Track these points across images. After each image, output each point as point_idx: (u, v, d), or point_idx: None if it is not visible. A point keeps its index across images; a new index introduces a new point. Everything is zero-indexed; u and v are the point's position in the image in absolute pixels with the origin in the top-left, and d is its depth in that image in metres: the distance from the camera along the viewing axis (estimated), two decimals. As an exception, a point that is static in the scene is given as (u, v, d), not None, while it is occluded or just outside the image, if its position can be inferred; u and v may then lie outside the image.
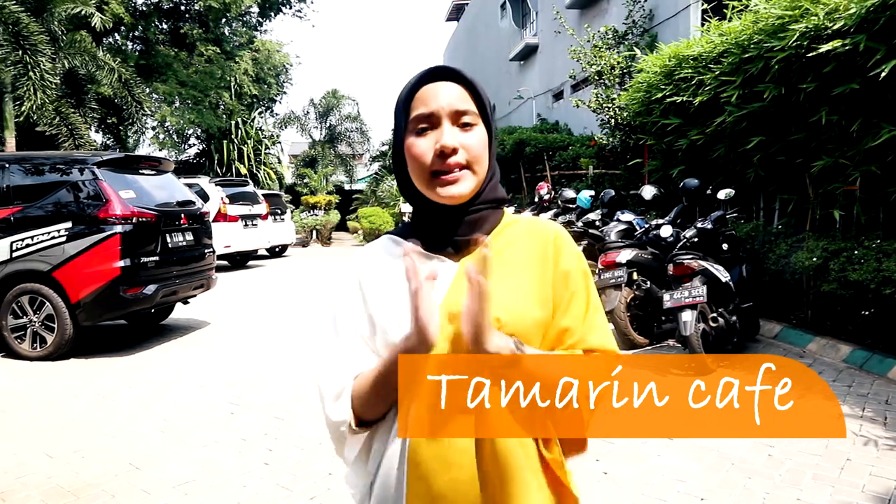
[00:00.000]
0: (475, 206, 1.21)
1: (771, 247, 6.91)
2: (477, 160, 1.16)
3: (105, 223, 6.27)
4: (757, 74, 6.56)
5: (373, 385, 1.17)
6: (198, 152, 23.87)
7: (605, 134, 12.23)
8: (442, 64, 1.22)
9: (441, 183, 1.15)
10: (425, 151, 1.15)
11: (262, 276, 13.70)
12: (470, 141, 1.16)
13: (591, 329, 1.20)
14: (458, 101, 1.15)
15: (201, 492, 3.50)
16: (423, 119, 1.16)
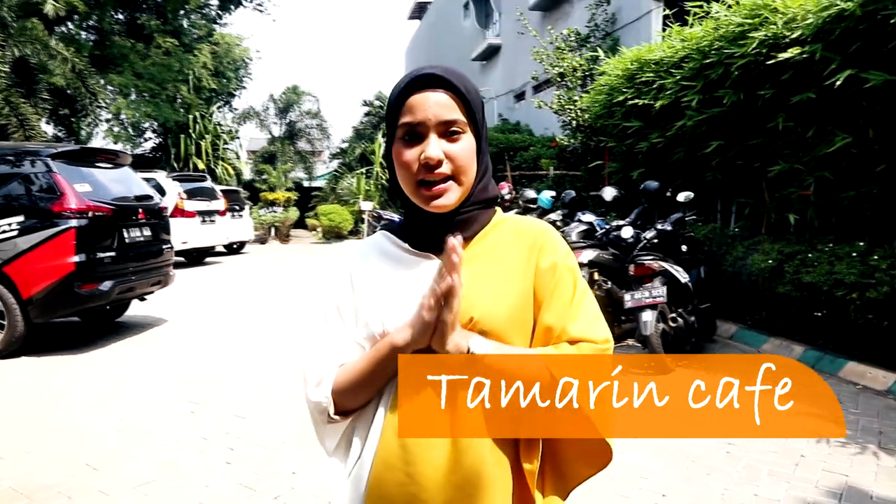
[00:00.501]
0: (465, 208, 1.22)
1: (728, 249, 7.06)
2: (463, 170, 1.16)
3: (59, 217, 6.10)
4: (717, 80, 6.70)
5: (355, 376, 1.20)
6: (154, 146, 23.37)
7: (566, 135, 12.35)
8: (430, 70, 1.17)
9: (426, 195, 1.17)
10: (411, 161, 1.16)
11: (219, 274, 13.49)
12: (456, 151, 1.15)
13: (572, 320, 1.18)
14: (445, 112, 1.15)
15: (162, 492, 3.43)
16: (411, 127, 1.16)
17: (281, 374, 5.69)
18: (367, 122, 29.52)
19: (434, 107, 1.14)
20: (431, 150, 1.13)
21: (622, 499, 3.31)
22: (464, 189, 1.19)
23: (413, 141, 1.16)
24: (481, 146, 1.22)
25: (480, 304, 1.17)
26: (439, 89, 1.15)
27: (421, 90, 1.16)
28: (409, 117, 1.16)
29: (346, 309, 1.27)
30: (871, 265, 5.19)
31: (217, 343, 6.87)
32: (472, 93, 1.19)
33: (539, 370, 1.12)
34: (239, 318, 8.28)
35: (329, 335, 1.27)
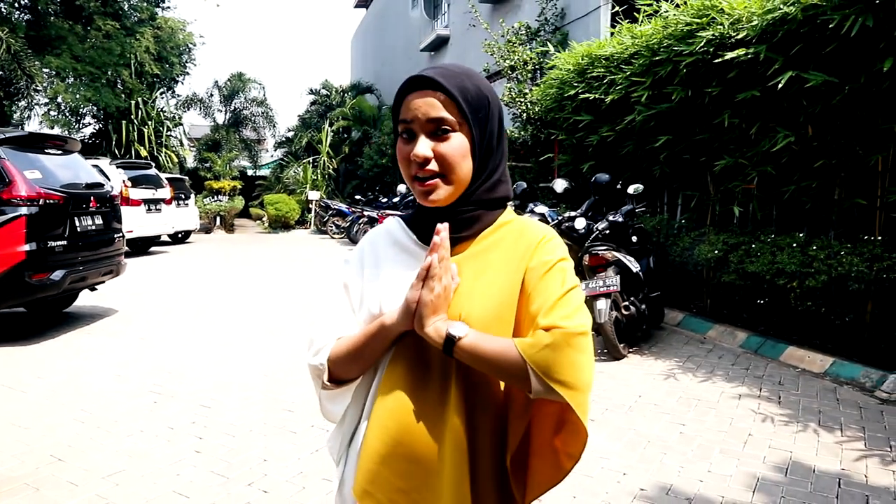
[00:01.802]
0: (464, 207, 1.29)
1: (675, 240, 7.34)
2: (450, 169, 1.22)
3: (8, 204, 5.95)
4: (665, 77, 6.92)
5: (349, 349, 1.30)
6: (94, 132, 22.63)
7: (516, 128, 12.49)
8: (424, 72, 1.25)
9: (419, 190, 1.25)
10: (405, 158, 1.25)
11: (166, 263, 13.24)
12: (442, 150, 1.22)
13: (551, 310, 1.18)
14: (432, 111, 1.21)
15: (133, 481, 3.44)
16: (406, 126, 1.24)
17: (242, 363, 5.69)
18: (314, 110, 29.18)
19: (423, 107, 1.21)
20: (418, 149, 1.21)
21: (586, 478, 3.47)
22: (455, 187, 1.25)
23: (410, 139, 1.24)
24: (484, 146, 1.26)
25: (469, 302, 1.24)
26: (431, 90, 1.22)
27: (415, 91, 1.23)
28: (404, 115, 1.24)
29: (354, 288, 1.38)
30: (809, 255, 5.49)
31: (172, 333, 6.80)
32: (469, 93, 1.23)
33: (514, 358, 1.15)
34: (191, 307, 8.20)
35: (334, 310, 1.37)
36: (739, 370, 5.44)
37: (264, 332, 6.86)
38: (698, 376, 5.28)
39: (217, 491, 3.34)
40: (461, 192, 1.27)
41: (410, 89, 1.24)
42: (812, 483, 3.41)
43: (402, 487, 1.24)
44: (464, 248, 1.30)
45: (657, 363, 5.70)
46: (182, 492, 3.34)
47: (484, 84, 1.28)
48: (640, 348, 6.17)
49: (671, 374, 5.36)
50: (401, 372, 1.28)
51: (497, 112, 1.30)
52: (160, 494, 3.30)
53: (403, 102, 1.25)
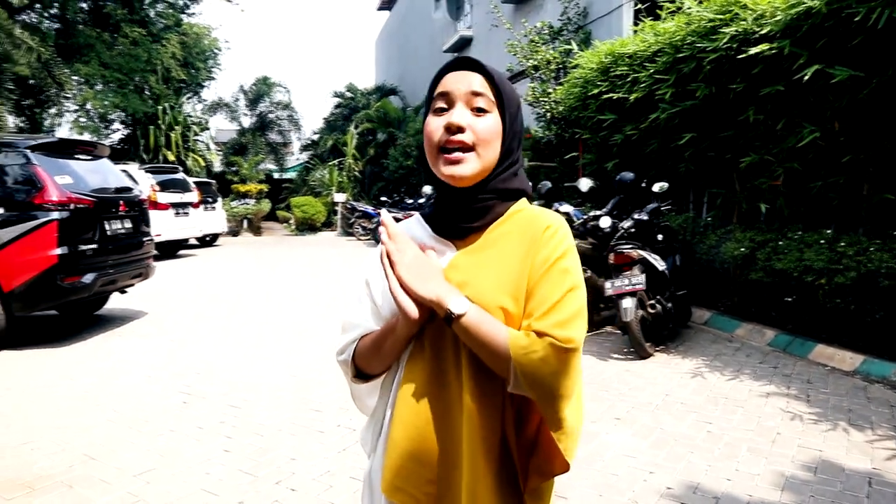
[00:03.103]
0: (482, 194, 1.29)
1: (701, 238, 7.28)
2: (484, 143, 1.25)
3: (41, 209, 6.08)
4: (689, 74, 6.88)
5: (370, 347, 1.36)
6: (122, 138, 23.01)
7: (540, 127, 12.47)
8: (469, 56, 1.29)
9: (446, 161, 1.26)
10: (437, 128, 1.27)
11: (194, 266, 13.42)
12: (480, 125, 1.25)
13: (548, 313, 1.18)
14: (475, 85, 1.25)
15: (163, 480, 3.50)
16: (441, 98, 1.27)
17: (270, 364, 5.76)
18: (339, 113, 29.37)
19: (464, 79, 1.26)
20: (455, 116, 1.24)
21: (611, 477, 3.46)
22: (483, 164, 1.26)
23: (442, 112, 1.27)
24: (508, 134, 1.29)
25: (478, 293, 1.24)
26: (474, 72, 1.27)
27: (459, 69, 1.28)
28: (441, 89, 1.28)
29: (375, 285, 1.41)
30: (838, 252, 5.42)
31: (202, 335, 6.90)
32: (505, 85, 1.29)
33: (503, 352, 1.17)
34: (220, 309, 8.30)
35: (358, 311, 1.42)
36: (767, 368, 5.39)
37: (293, 333, 6.93)
38: (726, 374, 5.24)
39: (245, 489, 3.39)
40: (483, 176, 1.28)
41: (454, 67, 1.28)
42: (842, 482, 3.37)
43: (431, 479, 1.26)
44: (475, 238, 1.31)
45: (684, 362, 5.66)
46: (211, 490, 3.39)
47: (511, 87, 1.32)
48: (667, 347, 6.13)
49: (698, 372, 5.32)
50: (419, 366, 1.30)
51: (520, 114, 1.34)
52: (190, 492, 3.36)
53: (444, 78, 1.29)
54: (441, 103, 1.28)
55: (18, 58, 15.92)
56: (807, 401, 4.60)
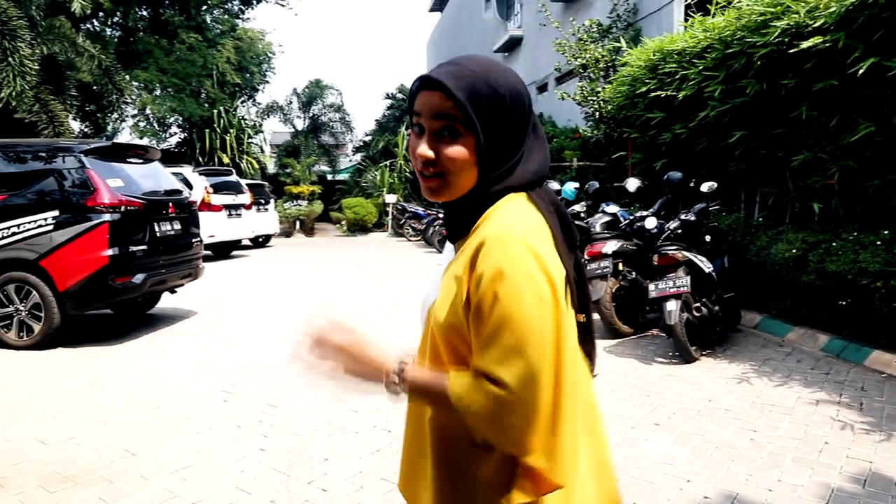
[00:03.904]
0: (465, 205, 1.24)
1: (752, 239, 7.06)
2: (449, 171, 1.19)
3: (93, 211, 6.26)
4: (739, 70, 6.68)
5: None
6: (179, 141, 23.67)
7: (589, 126, 12.35)
8: (431, 72, 1.20)
9: (423, 184, 1.25)
10: (412, 151, 1.24)
11: (246, 267, 13.68)
12: (446, 151, 1.18)
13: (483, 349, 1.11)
14: (437, 114, 1.17)
15: (199, 477, 3.56)
16: (417, 122, 1.22)
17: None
18: (390, 114, 29.60)
19: (429, 103, 1.18)
20: (420, 148, 1.20)
21: (647, 484, 3.37)
22: (454, 187, 1.21)
23: (420, 134, 1.22)
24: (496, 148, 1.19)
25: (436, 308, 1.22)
26: (436, 91, 1.17)
27: (425, 89, 1.20)
28: (415, 109, 1.22)
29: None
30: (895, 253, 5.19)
31: (246, 334, 7.01)
32: (479, 94, 1.16)
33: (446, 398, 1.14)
34: (267, 309, 8.43)
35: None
36: (819, 375, 5.19)
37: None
38: (774, 380, 5.06)
39: (277, 488, 3.42)
40: (463, 193, 1.23)
41: (421, 87, 1.20)
42: (893, 496, 3.21)
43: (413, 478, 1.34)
44: (460, 245, 1.26)
45: (731, 366, 5.49)
46: (244, 488, 3.43)
47: (503, 80, 1.19)
48: (714, 351, 5.96)
49: (745, 377, 5.16)
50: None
51: (518, 108, 1.20)
52: (223, 490, 3.40)
53: (416, 97, 1.22)
54: (417, 125, 1.23)
55: (81, 65, 16.48)
56: (859, 409, 4.41)
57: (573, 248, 1.25)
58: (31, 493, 3.42)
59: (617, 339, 6.49)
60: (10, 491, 3.44)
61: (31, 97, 13.70)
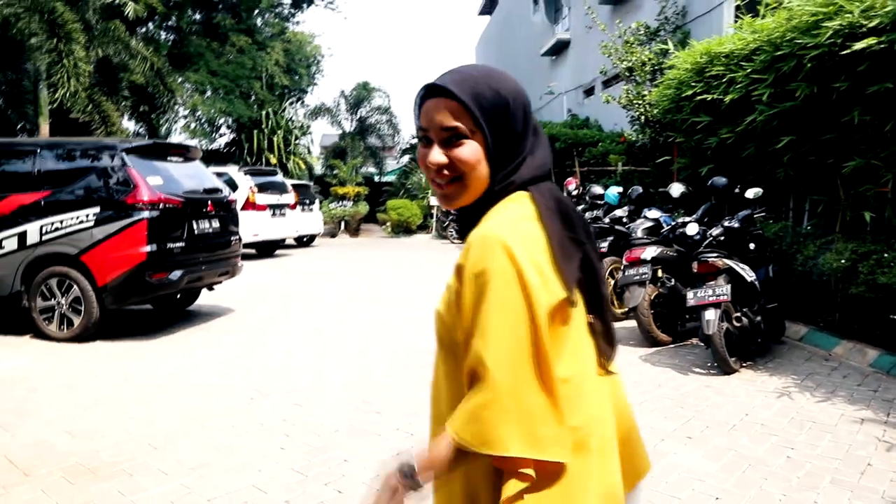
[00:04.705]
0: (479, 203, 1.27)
1: (799, 248, 6.80)
2: (465, 172, 1.23)
3: (132, 209, 6.36)
4: (789, 73, 6.44)
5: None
6: (228, 142, 24.10)
7: (634, 130, 12.13)
8: (436, 80, 1.24)
9: (438, 193, 1.30)
10: (423, 161, 1.28)
11: (288, 266, 13.81)
12: (458, 154, 1.22)
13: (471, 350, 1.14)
14: (446, 119, 1.21)
15: (217, 474, 3.55)
16: (423, 132, 1.27)
17: (340, 365, 5.79)
18: (437, 118, 29.53)
19: (435, 116, 1.22)
20: (432, 157, 1.24)
21: (673, 500, 3.23)
22: (470, 190, 1.25)
23: (428, 144, 1.26)
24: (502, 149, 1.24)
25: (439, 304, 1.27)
26: (444, 98, 1.22)
27: (430, 98, 1.24)
28: (421, 123, 1.26)
29: None
30: (952, 266, 4.92)
31: (280, 334, 7.04)
32: (484, 98, 1.21)
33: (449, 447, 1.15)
34: (302, 308, 8.47)
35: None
36: (866, 392, 4.94)
37: (367, 334, 6.95)
38: (816, 396, 4.83)
39: (293, 488, 3.38)
40: (478, 195, 1.27)
41: (427, 96, 1.25)
42: (938, 522, 3.01)
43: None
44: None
45: (771, 380, 5.27)
46: (261, 486, 3.40)
47: (504, 85, 1.25)
48: (755, 363, 5.74)
49: (785, 391, 4.94)
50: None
51: (520, 110, 1.26)
52: (240, 488, 3.38)
53: (421, 108, 1.26)
54: (423, 135, 1.27)
55: (134, 67, 16.91)
56: (908, 429, 4.18)
57: (581, 244, 1.24)
58: (53, 483, 3.45)
59: (654, 348, 6.31)
60: (34, 481, 3.48)
61: (84, 98, 14.10)
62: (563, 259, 1.17)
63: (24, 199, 6.56)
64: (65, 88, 13.08)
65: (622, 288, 6.60)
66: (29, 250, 6.53)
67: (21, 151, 6.84)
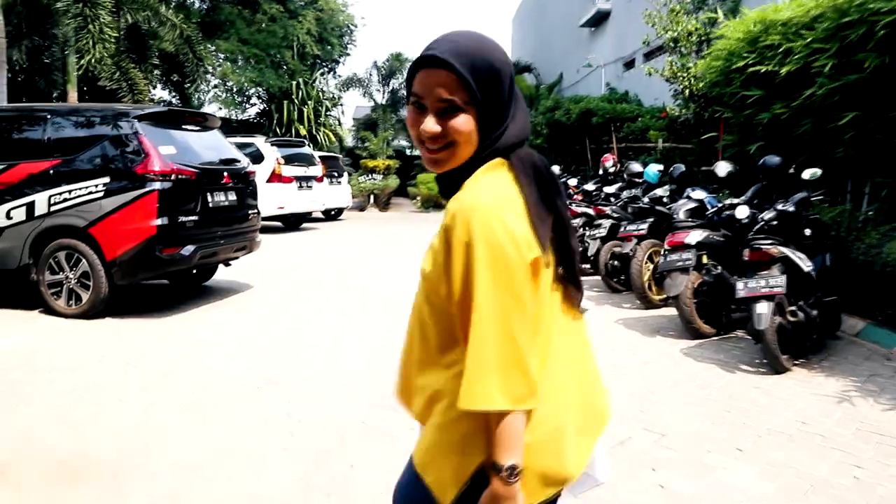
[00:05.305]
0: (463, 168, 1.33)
1: (859, 235, 6.23)
2: (458, 141, 1.29)
3: (143, 179, 6.01)
4: (857, 41, 5.87)
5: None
6: (258, 112, 23.80)
7: (677, 105, 11.53)
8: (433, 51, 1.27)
9: (426, 157, 1.35)
10: (414, 125, 1.33)
11: (314, 240, 13.50)
12: (454, 125, 1.28)
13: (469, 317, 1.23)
14: (443, 91, 1.26)
15: (210, 478, 3.19)
16: (417, 97, 1.31)
17: (356, 351, 5.42)
18: (471, 91, 28.97)
19: (434, 86, 1.27)
20: (427, 125, 1.29)
21: (724, 530, 2.79)
22: (459, 157, 1.32)
23: (420, 110, 1.31)
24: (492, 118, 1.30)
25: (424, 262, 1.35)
26: (441, 69, 1.25)
27: (426, 67, 1.27)
28: (414, 87, 1.31)
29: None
30: None
31: (298, 313, 6.70)
32: (479, 70, 1.26)
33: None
34: (326, 287, 8.10)
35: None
36: (937, 398, 4.42)
37: (391, 318, 6.56)
38: (882, 403, 4.32)
39: (292, 497, 3.01)
40: (464, 160, 1.33)
41: (423, 65, 1.28)
42: None
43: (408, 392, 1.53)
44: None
45: (828, 381, 4.76)
46: (256, 493, 3.05)
47: (495, 55, 1.30)
48: (808, 360, 5.23)
49: (846, 396, 4.44)
50: None
51: (507, 79, 1.32)
52: (233, 496, 3.04)
53: (416, 75, 1.30)
54: (417, 100, 1.31)
55: (164, 34, 16.61)
56: None
57: (552, 209, 1.31)
58: (27, 485, 3.14)
59: (697, 341, 5.82)
60: (6, 484, 3.16)
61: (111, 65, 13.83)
62: (538, 222, 1.25)
63: (33, 167, 6.25)
64: (90, 55, 12.80)
65: (661, 274, 6.13)
66: (37, 221, 6.23)
67: (31, 118, 6.52)
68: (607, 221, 8.33)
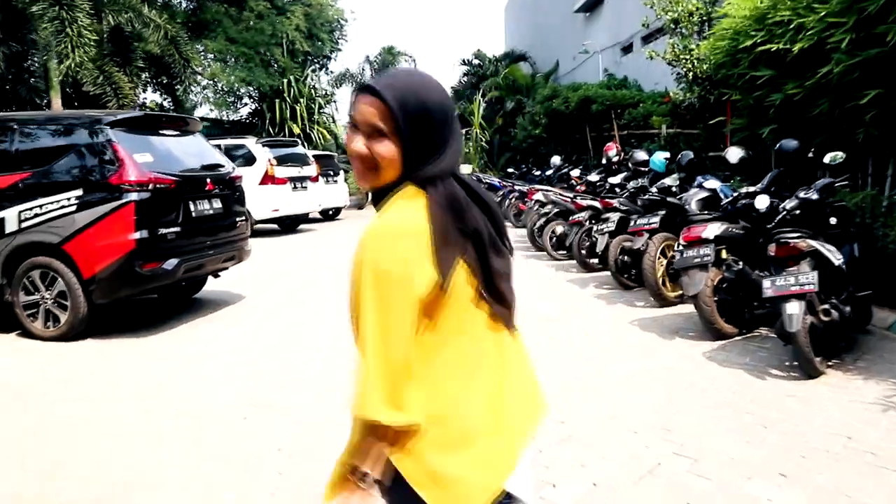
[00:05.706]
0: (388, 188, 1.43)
1: (886, 221, 5.84)
2: (383, 162, 1.39)
3: (118, 190, 5.61)
4: (875, 13, 5.50)
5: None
6: (251, 112, 23.38)
7: (680, 89, 11.12)
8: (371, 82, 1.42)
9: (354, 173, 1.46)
10: (348, 144, 1.45)
11: (310, 242, 13.13)
12: (377, 149, 1.38)
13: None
14: (373, 118, 1.37)
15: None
16: (353, 119, 1.43)
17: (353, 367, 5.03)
18: (466, 81, 28.70)
19: (366, 113, 1.38)
20: (355, 145, 1.41)
21: (779, 581, 2.41)
22: (381, 179, 1.42)
23: (356, 130, 1.42)
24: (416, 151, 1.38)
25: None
26: (377, 98, 1.37)
27: (364, 94, 1.40)
28: (352, 112, 1.44)
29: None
30: None
31: (291, 325, 6.32)
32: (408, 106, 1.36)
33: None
34: (322, 295, 7.69)
35: None
36: None
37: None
38: (931, 409, 3.94)
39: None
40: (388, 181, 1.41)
41: (363, 92, 1.40)
42: None
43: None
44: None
45: (867, 385, 4.37)
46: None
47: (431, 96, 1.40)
48: (842, 361, 4.84)
49: (890, 403, 4.04)
50: None
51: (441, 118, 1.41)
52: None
53: (356, 100, 1.41)
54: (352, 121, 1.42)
55: (148, 36, 16.17)
56: None
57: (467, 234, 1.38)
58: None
59: (719, 342, 5.42)
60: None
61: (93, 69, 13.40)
62: (441, 248, 1.32)
63: (0, 181, 5.85)
64: (70, 59, 12.36)
65: (677, 271, 5.74)
66: (8, 239, 5.84)
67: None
68: (615, 215, 7.93)
